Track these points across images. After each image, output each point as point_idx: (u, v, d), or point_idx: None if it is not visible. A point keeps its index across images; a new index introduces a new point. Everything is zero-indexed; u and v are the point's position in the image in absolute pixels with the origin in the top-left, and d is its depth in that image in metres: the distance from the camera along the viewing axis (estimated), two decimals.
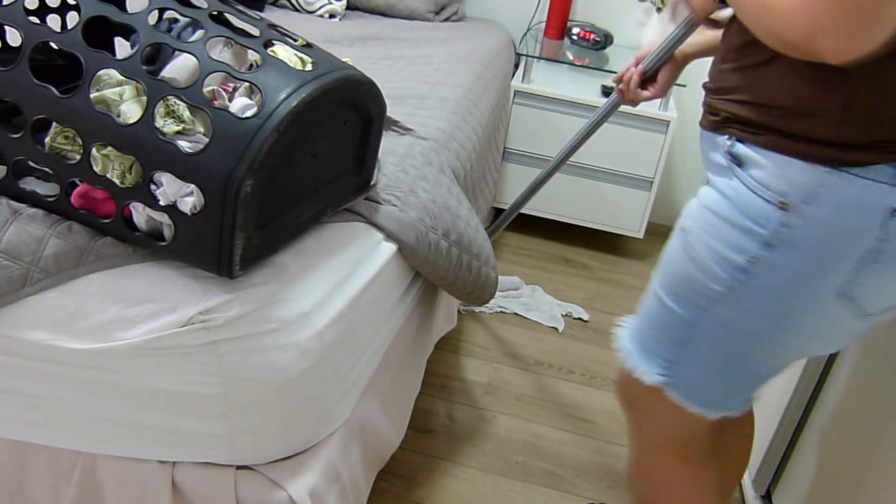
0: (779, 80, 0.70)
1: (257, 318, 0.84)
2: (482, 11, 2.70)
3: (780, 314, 0.76)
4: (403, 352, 1.29)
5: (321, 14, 2.37)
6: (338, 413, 1.00)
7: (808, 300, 0.74)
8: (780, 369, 0.86)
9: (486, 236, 1.42)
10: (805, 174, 0.69)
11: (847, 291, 0.73)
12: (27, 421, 0.91)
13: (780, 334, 0.79)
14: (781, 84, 0.70)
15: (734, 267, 0.75)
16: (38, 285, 0.82)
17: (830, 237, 0.70)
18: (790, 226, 0.71)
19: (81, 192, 0.86)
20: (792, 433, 1.37)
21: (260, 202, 0.80)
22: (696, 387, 0.88)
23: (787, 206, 0.70)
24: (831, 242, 0.70)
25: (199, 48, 0.79)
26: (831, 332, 0.78)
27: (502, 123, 2.24)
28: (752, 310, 0.77)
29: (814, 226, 0.70)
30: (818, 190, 0.69)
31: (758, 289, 0.75)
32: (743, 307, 0.78)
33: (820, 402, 1.31)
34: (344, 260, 0.99)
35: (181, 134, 0.84)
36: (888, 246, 0.69)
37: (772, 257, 0.73)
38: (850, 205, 0.69)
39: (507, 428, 1.66)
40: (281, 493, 0.91)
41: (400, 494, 1.44)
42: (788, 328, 0.78)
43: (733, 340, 0.82)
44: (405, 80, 1.76)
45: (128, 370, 0.84)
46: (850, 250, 0.70)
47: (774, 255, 0.72)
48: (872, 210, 0.68)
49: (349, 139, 0.97)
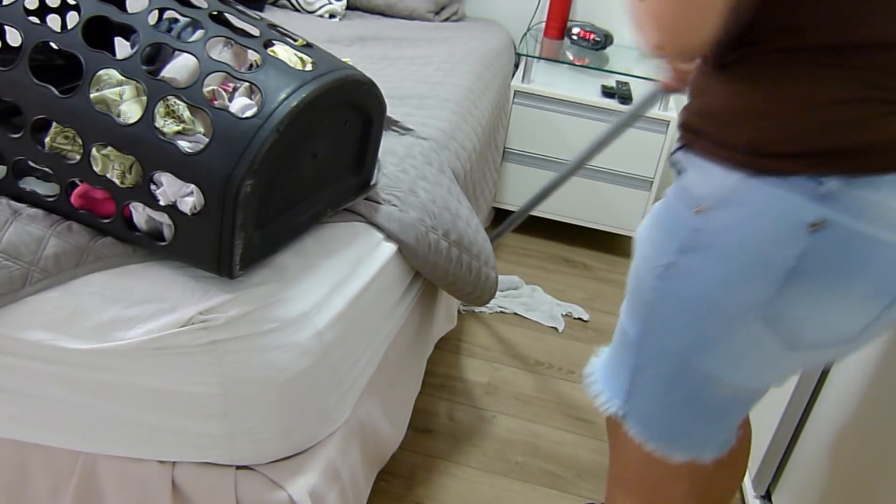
0: (715, 88, 0.70)
1: (257, 318, 0.84)
2: (482, 11, 2.70)
3: (701, 329, 0.72)
4: (403, 352, 1.29)
5: (321, 14, 2.37)
6: (338, 413, 1.00)
7: (726, 315, 0.70)
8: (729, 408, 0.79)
9: (486, 237, 1.42)
10: (724, 180, 0.68)
11: (769, 314, 0.68)
12: (27, 421, 0.91)
13: (707, 354, 0.73)
14: (716, 92, 0.70)
15: (657, 274, 0.73)
16: (38, 285, 0.82)
17: (742, 245, 0.67)
18: (701, 230, 0.69)
19: (81, 192, 0.86)
20: (792, 433, 1.37)
21: (260, 202, 0.80)
22: (650, 419, 0.82)
23: (701, 210, 0.69)
24: (743, 251, 0.67)
25: (199, 48, 0.79)
26: (759, 360, 0.72)
27: (502, 123, 2.24)
28: (675, 322, 0.74)
29: (723, 231, 0.68)
30: (731, 195, 0.67)
31: (677, 298, 0.73)
32: (669, 318, 0.75)
33: (820, 402, 1.31)
34: (344, 260, 0.99)
35: (181, 134, 0.84)
36: (808, 266, 0.65)
37: (685, 263, 0.70)
38: (762, 213, 0.66)
39: (507, 428, 1.66)
40: (281, 493, 0.91)
41: (400, 494, 1.44)
42: (712, 347, 0.72)
43: (671, 362, 0.77)
44: (405, 80, 1.76)
45: (128, 370, 0.84)
46: (765, 264, 0.67)
47: (687, 261, 0.70)
48: (786, 222, 0.65)
49: (349, 139, 0.97)
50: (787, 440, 1.38)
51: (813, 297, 0.67)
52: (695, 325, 0.72)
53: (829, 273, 0.66)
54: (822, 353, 0.73)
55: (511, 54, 2.47)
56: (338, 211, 1.03)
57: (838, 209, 0.64)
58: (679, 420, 0.81)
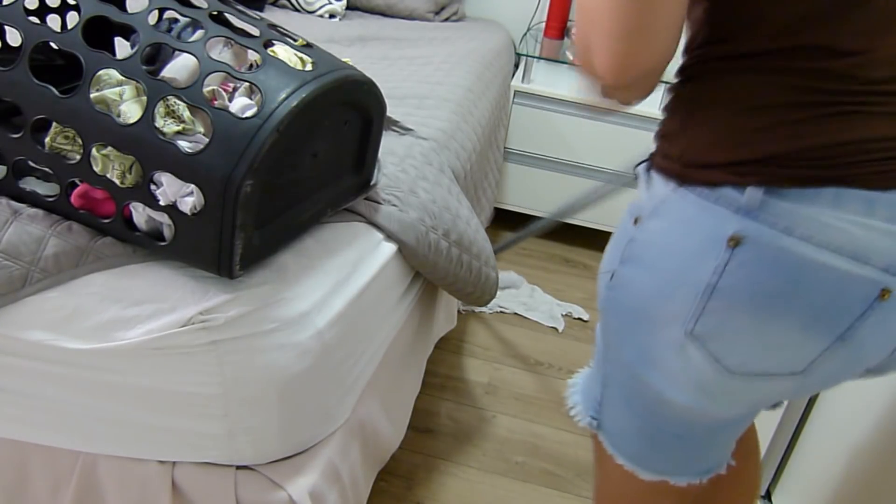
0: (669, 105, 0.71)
1: (257, 317, 0.84)
2: (482, 11, 2.70)
3: (641, 341, 0.71)
4: (403, 352, 1.29)
5: (321, 14, 2.37)
6: (338, 413, 1.00)
7: (658, 326, 0.68)
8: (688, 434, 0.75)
9: (486, 236, 1.42)
10: (658, 191, 0.68)
11: (696, 331, 0.65)
12: (27, 421, 0.91)
13: (649, 368, 0.71)
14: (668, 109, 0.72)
15: (605, 283, 0.74)
16: (38, 285, 0.82)
17: (666, 254, 0.66)
18: (635, 240, 0.69)
19: (81, 192, 0.86)
20: (792, 433, 1.37)
21: (260, 202, 0.80)
22: (617, 434, 0.81)
23: (637, 221, 0.69)
24: (667, 260, 0.66)
25: (199, 48, 0.79)
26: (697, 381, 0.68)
27: (502, 123, 2.24)
28: (621, 332, 0.73)
29: (652, 240, 0.67)
30: (661, 206, 0.67)
31: (619, 308, 0.72)
32: (617, 329, 0.74)
33: (820, 402, 1.31)
34: (344, 260, 0.99)
35: (181, 134, 0.84)
36: (730, 283, 0.62)
37: (623, 272, 0.71)
38: (687, 222, 0.64)
39: (507, 428, 1.66)
40: (281, 493, 0.91)
41: (400, 494, 1.44)
42: (652, 362, 0.71)
43: (624, 375, 0.76)
44: (405, 80, 1.76)
45: (128, 370, 0.84)
46: (685, 277, 0.65)
47: (625, 271, 0.70)
48: (708, 233, 0.63)
49: (349, 139, 0.97)
50: (788, 440, 1.38)
51: (740, 319, 0.63)
52: (635, 337, 0.72)
53: (754, 293, 0.62)
54: (770, 385, 0.68)
55: (511, 54, 2.47)
56: (338, 211, 1.03)
57: (763, 223, 0.61)
58: (641, 438, 0.79)
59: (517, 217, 2.53)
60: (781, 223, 0.60)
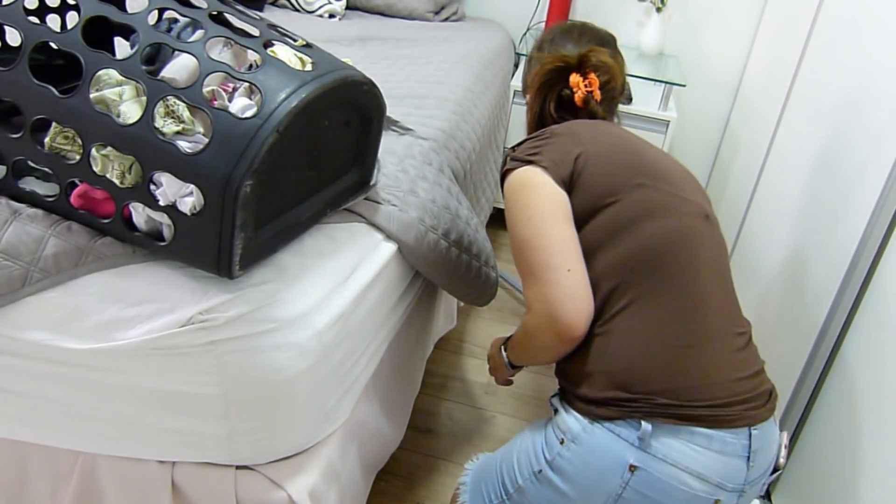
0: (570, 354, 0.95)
1: (257, 318, 0.84)
2: (482, 11, 2.70)
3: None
4: (403, 352, 1.29)
5: (321, 14, 2.37)
6: (337, 413, 1.00)
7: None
8: None
9: (486, 236, 1.42)
10: (575, 423, 0.89)
11: None
12: (27, 421, 0.91)
13: None
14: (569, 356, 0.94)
15: (532, 472, 0.93)
16: (37, 285, 0.82)
17: (585, 471, 0.87)
18: (562, 456, 0.89)
19: (81, 192, 0.86)
20: (792, 433, 1.38)
21: (260, 202, 0.80)
22: None
23: (563, 442, 0.90)
24: (586, 475, 0.87)
25: (198, 48, 0.79)
26: None
27: (502, 123, 2.24)
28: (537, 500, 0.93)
29: (575, 460, 0.88)
30: (581, 434, 0.88)
31: (539, 498, 0.92)
32: (533, 496, 0.93)
33: (820, 402, 1.32)
34: (344, 260, 0.99)
35: (181, 134, 0.84)
36: (628, 495, 0.85)
37: (548, 474, 0.91)
38: (599, 450, 0.86)
39: (507, 428, 1.66)
40: (281, 493, 0.91)
41: (399, 494, 1.44)
42: None
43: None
44: (405, 80, 1.76)
45: (128, 370, 0.84)
46: (601, 487, 0.86)
47: (550, 474, 0.90)
48: (614, 460, 0.85)
49: (349, 139, 0.97)
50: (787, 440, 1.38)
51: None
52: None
53: (643, 501, 0.85)
54: None
55: (511, 54, 2.47)
56: (337, 211, 1.03)
57: (650, 452, 0.84)
58: None
59: None
60: (661, 453, 0.84)
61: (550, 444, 0.92)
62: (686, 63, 2.52)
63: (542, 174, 0.95)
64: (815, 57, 1.70)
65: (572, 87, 1.07)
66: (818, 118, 1.57)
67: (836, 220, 1.34)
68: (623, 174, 0.94)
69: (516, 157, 1.00)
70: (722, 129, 2.60)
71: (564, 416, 0.92)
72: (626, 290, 0.89)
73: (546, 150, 0.97)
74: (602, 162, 0.94)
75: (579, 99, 1.07)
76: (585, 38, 1.19)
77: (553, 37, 1.22)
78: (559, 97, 1.10)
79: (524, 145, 1.02)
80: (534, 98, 1.12)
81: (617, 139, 0.99)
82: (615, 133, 1.01)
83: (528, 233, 0.93)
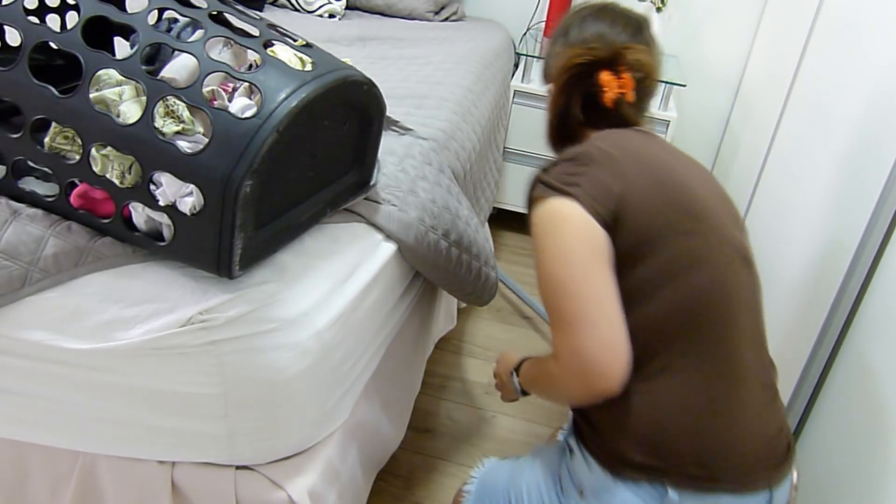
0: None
1: (257, 317, 0.84)
2: (482, 11, 2.70)
3: None
4: (403, 352, 1.29)
5: (321, 14, 2.37)
6: (337, 413, 1.00)
7: None
8: None
9: (486, 236, 1.42)
10: (597, 476, 0.85)
11: None
12: (27, 421, 0.91)
13: None
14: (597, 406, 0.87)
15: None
16: (37, 285, 0.82)
17: None
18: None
19: (81, 192, 0.86)
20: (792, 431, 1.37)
21: (259, 202, 0.80)
22: None
23: (583, 494, 0.86)
24: None
25: (198, 48, 0.79)
26: None
27: (502, 123, 2.24)
28: None
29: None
30: (600, 490, 0.84)
31: None
32: None
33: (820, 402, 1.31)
34: (344, 260, 0.99)
35: (181, 134, 0.84)
36: None
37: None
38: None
39: (507, 428, 1.66)
40: (280, 493, 0.91)
41: (399, 494, 1.44)
42: None
43: None
44: (405, 80, 1.76)
45: (128, 370, 0.84)
46: None
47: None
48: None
49: (349, 139, 0.97)
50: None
51: None
52: None
53: None
54: None
55: (511, 54, 2.47)
56: (337, 211, 1.03)
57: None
58: None
59: (516, 216, 2.54)
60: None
61: (567, 493, 0.88)
62: (686, 63, 2.52)
63: (580, 210, 0.83)
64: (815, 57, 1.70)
65: (602, 85, 0.94)
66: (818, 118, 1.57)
67: (836, 220, 1.34)
68: (666, 217, 0.84)
69: (550, 183, 0.87)
70: (722, 129, 2.60)
71: (584, 464, 0.87)
72: (663, 351, 0.83)
73: (584, 182, 0.85)
74: (645, 203, 0.85)
75: (609, 100, 0.94)
76: (620, 22, 1.02)
77: (583, 18, 1.05)
78: (586, 95, 0.96)
79: (558, 169, 0.89)
80: (558, 94, 0.98)
81: (658, 166, 0.88)
82: (654, 155, 0.90)
83: (563, 275, 0.82)
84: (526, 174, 2.39)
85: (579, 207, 0.83)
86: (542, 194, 0.87)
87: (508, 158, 2.39)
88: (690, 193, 0.87)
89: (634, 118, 0.98)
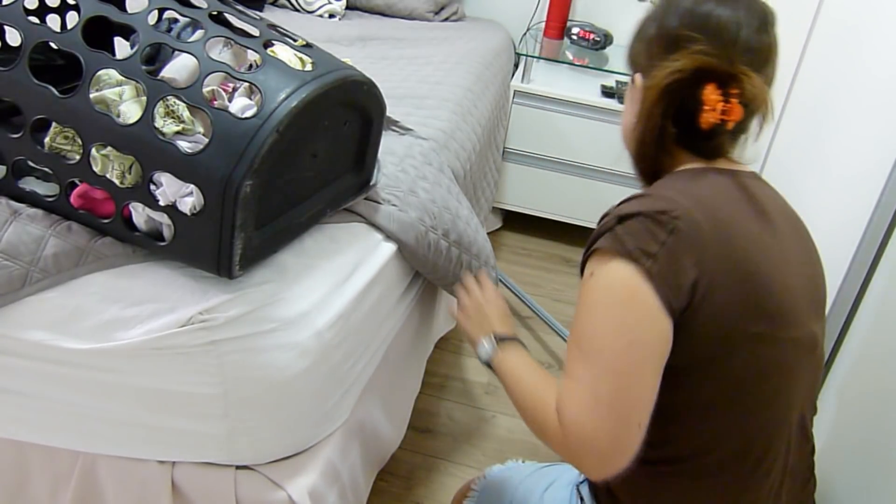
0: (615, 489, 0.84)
1: (257, 317, 0.84)
2: (482, 11, 2.70)
3: None
4: (403, 352, 1.29)
5: (321, 14, 2.37)
6: (337, 413, 1.00)
7: None
8: None
9: (486, 236, 1.42)
10: None
11: None
12: (27, 421, 0.91)
13: None
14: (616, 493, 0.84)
15: None
16: (37, 285, 0.82)
17: None
18: None
19: (81, 192, 0.86)
20: None
21: (260, 202, 0.80)
22: None
23: None
24: None
25: (198, 48, 0.79)
26: None
27: (502, 123, 2.24)
28: None
29: None
30: None
31: None
32: None
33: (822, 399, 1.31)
34: (344, 260, 0.99)
35: (181, 134, 0.84)
36: None
37: None
38: None
39: (507, 428, 1.66)
40: (280, 493, 0.91)
41: (399, 494, 1.44)
42: None
43: None
44: (405, 80, 1.76)
45: (128, 370, 0.84)
46: None
47: None
48: None
49: (349, 139, 0.97)
50: None
51: None
52: None
53: None
54: None
55: (511, 54, 2.47)
56: (337, 211, 1.03)
57: None
58: None
59: (516, 216, 2.54)
60: None
61: None
62: None
63: (651, 294, 0.72)
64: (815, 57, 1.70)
65: (704, 102, 0.78)
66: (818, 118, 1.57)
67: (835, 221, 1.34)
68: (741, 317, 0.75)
69: (623, 241, 0.74)
70: None
71: None
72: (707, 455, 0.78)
73: (663, 257, 0.73)
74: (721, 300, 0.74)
75: (706, 122, 0.78)
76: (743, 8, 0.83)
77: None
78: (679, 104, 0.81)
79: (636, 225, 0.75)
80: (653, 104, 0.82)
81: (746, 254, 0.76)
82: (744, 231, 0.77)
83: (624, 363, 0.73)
84: (526, 174, 2.39)
85: (651, 290, 0.72)
86: (612, 249, 0.75)
87: (508, 158, 2.39)
88: (774, 287, 0.77)
89: (725, 149, 0.86)
